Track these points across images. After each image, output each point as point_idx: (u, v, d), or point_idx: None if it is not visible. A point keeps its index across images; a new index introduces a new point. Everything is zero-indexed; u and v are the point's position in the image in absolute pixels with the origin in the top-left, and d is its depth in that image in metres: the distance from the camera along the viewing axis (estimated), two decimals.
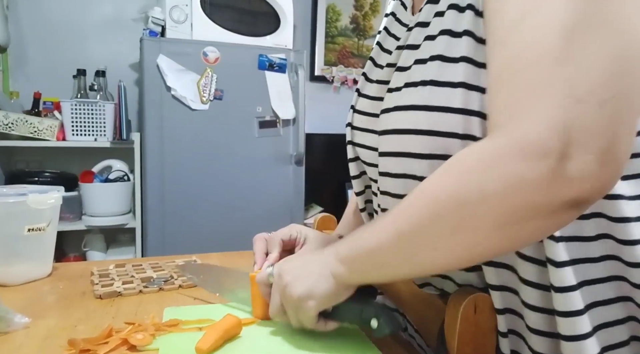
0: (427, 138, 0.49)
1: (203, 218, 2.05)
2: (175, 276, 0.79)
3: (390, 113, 0.54)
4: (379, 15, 2.87)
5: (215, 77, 2.03)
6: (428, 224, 0.43)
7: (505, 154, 0.38)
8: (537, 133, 0.36)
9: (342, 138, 0.71)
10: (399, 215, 0.46)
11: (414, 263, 0.46)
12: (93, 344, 0.54)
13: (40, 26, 2.27)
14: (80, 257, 2.14)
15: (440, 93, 0.48)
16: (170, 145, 1.99)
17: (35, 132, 1.97)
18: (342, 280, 0.51)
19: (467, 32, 0.47)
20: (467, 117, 0.47)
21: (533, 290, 0.47)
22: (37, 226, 0.78)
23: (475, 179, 0.40)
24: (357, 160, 0.68)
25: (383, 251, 0.47)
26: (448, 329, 0.50)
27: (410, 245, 0.45)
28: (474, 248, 0.42)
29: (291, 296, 0.53)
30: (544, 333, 0.48)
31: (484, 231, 0.40)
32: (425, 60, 0.51)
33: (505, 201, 0.38)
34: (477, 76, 0.47)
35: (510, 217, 0.39)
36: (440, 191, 0.42)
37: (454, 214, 0.41)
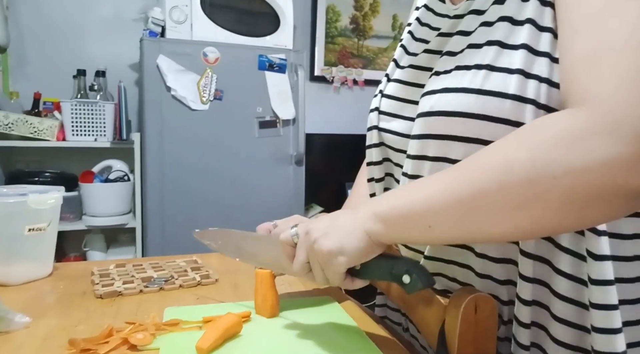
0: (476, 122, 0.49)
1: (203, 218, 2.05)
2: (175, 276, 0.79)
3: (437, 95, 0.54)
4: (378, 16, 2.87)
5: (215, 77, 2.03)
6: (495, 192, 0.41)
7: (595, 130, 0.37)
8: (632, 116, 0.36)
9: (343, 138, 0.71)
10: (458, 178, 0.44)
11: (468, 230, 0.44)
12: (93, 344, 0.54)
13: (40, 26, 2.27)
14: (81, 257, 2.14)
15: (495, 78, 0.48)
16: (170, 146, 1.99)
17: (36, 132, 1.97)
18: (377, 238, 0.50)
19: (530, 20, 0.48)
20: (521, 103, 0.47)
21: (567, 282, 0.48)
22: (38, 226, 0.78)
23: (558, 151, 0.38)
24: (380, 146, 0.67)
25: (433, 214, 0.45)
26: (449, 329, 0.50)
27: (469, 212, 0.43)
28: (539, 223, 0.41)
29: (321, 251, 0.51)
30: (571, 324, 0.48)
31: (557, 207, 0.39)
32: (481, 44, 0.51)
33: (588, 178, 0.37)
34: (534, 64, 0.47)
35: (588, 195, 0.38)
36: (513, 160, 0.40)
37: (526, 185, 0.39)
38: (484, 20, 0.52)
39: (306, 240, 0.53)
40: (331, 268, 0.51)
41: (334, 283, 0.53)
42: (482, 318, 0.49)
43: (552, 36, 0.47)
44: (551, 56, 0.47)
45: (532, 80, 0.47)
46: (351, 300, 0.73)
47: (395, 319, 0.72)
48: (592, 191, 0.38)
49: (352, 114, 2.78)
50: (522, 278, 0.50)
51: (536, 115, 0.46)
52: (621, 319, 0.46)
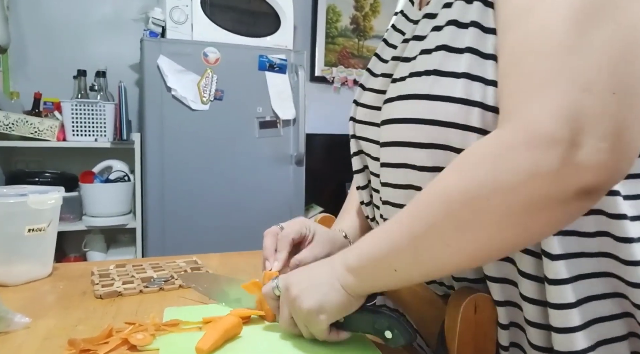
0: (427, 128, 0.49)
1: (203, 219, 2.05)
2: (175, 276, 0.79)
3: (393, 103, 0.54)
4: (379, 16, 2.87)
5: (215, 77, 2.03)
6: (440, 222, 0.42)
7: (514, 145, 0.38)
8: (546, 123, 0.36)
9: (343, 139, 0.71)
10: (409, 217, 0.45)
11: (427, 265, 0.45)
12: (93, 344, 0.54)
13: (41, 27, 2.27)
14: (81, 257, 2.15)
15: (442, 82, 0.48)
16: (171, 146, 1.99)
17: (36, 133, 1.97)
18: (353, 290, 0.51)
19: (474, 23, 0.48)
20: (468, 107, 0.46)
21: (530, 283, 0.47)
22: (38, 227, 0.78)
23: (485, 172, 0.39)
24: (360, 154, 0.67)
25: (394, 256, 0.46)
26: (448, 329, 0.50)
27: (423, 246, 0.44)
28: (487, 244, 0.41)
29: (301, 310, 0.52)
30: (540, 326, 0.48)
31: (497, 225, 0.40)
32: (431, 50, 0.51)
33: (517, 193, 0.38)
34: (481, 67, 0.47)
35: (523, 209, 0.38)
36: (451, 188, 0.42)
37: (465, 209, 0.40)
38: (435, 25, 0.52)
39: (287, 297, 0.54)
40: (314, 325, 0.53)
41: (320, 338, 0.54)
42: (481, 318, 0.49)
43: (496, 38, 0.47)
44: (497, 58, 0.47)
45: (477, 82, 0.46)
46: None
47: None
48: (527, 204, 0.38)
49: None
50: (488, 279, 0.50)
51: (484, 118, 0.46)
52: (590, 315, 0.46)
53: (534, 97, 0.38)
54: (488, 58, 0.47)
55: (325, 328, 0.52)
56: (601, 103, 0.36)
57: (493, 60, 0.46)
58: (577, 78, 0.36)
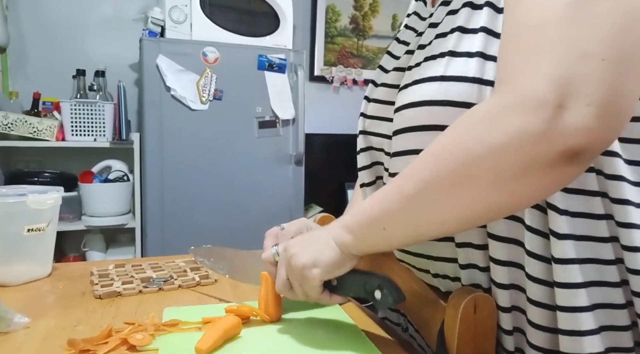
0: (441, 109, 0.49)
1: (203, 218, 2.05)
2: (175, 276, 0.79)
3: (406, 89, 0.54)
4: (378, 16, 2.87)
5: (214, 77, 2.03)
6: (430, 182, 0.43)
7: (506, 108, 0.39)
8: (536, 87, 0.38)
9: (342, 138, 0.71)
10: (403, 178, 0.47)
11: (417, 225, 0.46)
12: (92, 345, 0.54)
13: (40, 26, 2.27)
14: (80, 257, 2.14)
15: (457, 63, 0.49)
16: (170, 146, 1.99)
17: (35, 132, 1.97)
18: (347, 249, 0.52)
19: (488, 3, 0.48)
20: (482, 86, 0.47)
21: (537, 262, 0.47)
22: (37, 227, 0.78)
23: (478, 132, 0.41)
24: (368, 150, 0.67)
25: (388, 216, 0.48)
26: (448, 329, 0.50)
27: (415, 206, 0.45)
28: (476, 204, 0.42)
29: (296, 265, 0.54)
30: (544, 305, 0.48)
31: (485, 185, 0.41)
32: (446, 33, 0.52)
33: (507, 153, 0.39)
34: (494, 46, 0.47)
35: (512, 169, 0.39)
36: (443, 148, 0.43)
37: (455, 168, 0.42)
38: (450, 9, 0.53)
39: (284, 256, 0.57)
40: (307, 281, 0.54)
41: (312, 298, 0.56)
42: (481, 317, 0.49)
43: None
44: None
45: (491, 61, 0.47)
46: (351, 301, 0.73)
47: (394, 319, 0.72)
48: (514, 165, 0.39)
49: (352, 114, 2.77)
50: (495, 261, 0.49)
51: None
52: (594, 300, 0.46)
53: (530, 64, 0.39)
54: (498, 37, 0.47)
55: (319, 284, 0.54)
56: (593, 69, 0.37)
57: None
58: (573, 47, 0.37)
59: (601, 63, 0.37)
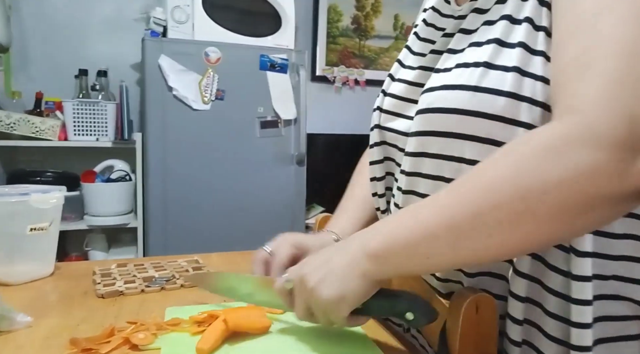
0: (472, 119, 0.49)
1: (205, 218, 2.05)
2: (177, 276, 0.79)
3: (435, 92, 0.54)
4: (380, 16, 2.87)
5: (216, 77, 2.03)
6: (487, 213, 0.41)
7: (573, 140, 0.38)
8: (609, 122, 0.37)
9: (344, 138, 0.70)
10: (451, 203, 0.44)
11: (464, 254, 0.44)
12: (95, 344, 0.54)
13: (43, 26, 2.27)
14: (82, 257, 2.15)
15: (492, 75, 0.49)
16: (172, 145, 1.99)
17: (37, 132, 1.97)
18: (374, 277, 0.49)
19: (528, 19, 0.48)
20: (516, 101, 0.47)
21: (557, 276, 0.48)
22: (40, 226, 0.78)
23: (540, 165, 0.39)
24: (382, 145, 0.67)
25: (429, 243, 0.45)
26: (450, 329, 0.50)
27: (465, 236, 0.43)
28: (532, 238, 0.41)
29: (320, 300, 0.50)
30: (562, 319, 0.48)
31: (547, 220, 0.39)
32: (481, 43, 0.51)
33: (572, 190, 0.38)
34: (530, 62, 0.47)
35: (576, 206, 0.38)
36: (501, 179, 0.41)
37: (517, 201, 0.39)
38: (486, 19, 0.53)
39: (302, 289, 0.52)
40: (334, 314, 0.51)
41: (340, 326, 0.53)
42: (483, 318, 0.49)
43: (545, 35, 0.48)
44: (546, 55, 0.47)
45: (528, 78, 0.47)
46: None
47: (396, 320, 0.72)
48: (581, 202, 0.38)
49: (354, 114, 2.78)
50: (518, 274, 0.50)
51: (532, 113, 0.47)
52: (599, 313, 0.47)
53: (600, 97, 0.38)
54: (537, 54, 0.47)
55: (346, 315, 0.51)
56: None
57: (542, 57, 0.47)
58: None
59: None
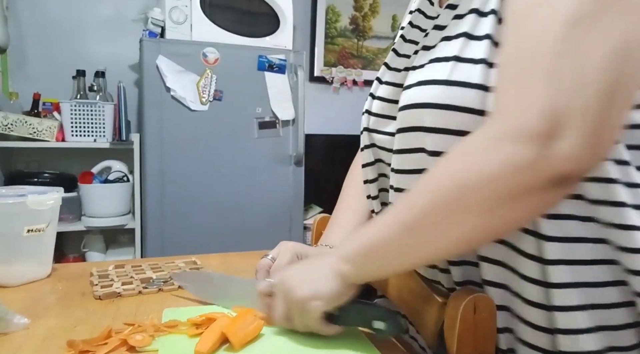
0: (444, 113, 0.50)
1: (203, 219, 2.05)
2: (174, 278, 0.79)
3: (412, 89, 0.55)
4: (378, 16, 2.87)
5: (214, 77, 2.03)
6: (427, 211, 0.45)
7: (499, 137, 0.41)
8: (529, 118, 0.40)
9: (342, 139, 0.70)
10: (401, 207, 0.48)
11: (418, 252, 0.48)
12: (92, 345, 0.53)
13: (40, 27, 2.27)
14: (80, 258, 2.14)
15: (462, 68, 0.50)
16: (170, 146, 1.99)
17: (35, 133, 1.97)
18: (348, 279, 0.53)
19: (493, 11, 0.49)
20: (484, 92, 0.48)
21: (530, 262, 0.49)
22: (37, 227, 0.78)
23: (472, 162, 0.43)
24: (372, 147, 0.68)
25: (388, 245, 0.49)
26: (448, 330, 0.50)
27: (414, 236, 0.46)
28: (469, 232, 0.44)
29: (296, 298, 0.54)
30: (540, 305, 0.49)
31: (482, 212, 0.42)
32: (451, 37, 0.53)
33: (499, 183, 0.41)
34: (496, 54, 0.48)
35: (505, 197, 0.41)
36: (438, 178, 0.45)
37: (450, 198, 0.43)
38: (456, 14, 0.54)
39: (281, 289, 0.56)
40: (308, 314, 0.54)
41: (314, 328, 0.55)
42: (481, 318, 0.49)
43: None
44: None
45: (494, 69, 0.48)
46: None
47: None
48: (507, 193, 0.41)
49: (352, 115, 2.77)
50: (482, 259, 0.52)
51: None
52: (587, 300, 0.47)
53: (523, 95, 0.41)
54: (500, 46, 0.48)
55: (319, 315, 0.54)
56: (583, 103, 0.38)
57: None
58: (563, 80, 0.39)
59: (591, 95, 0.38)
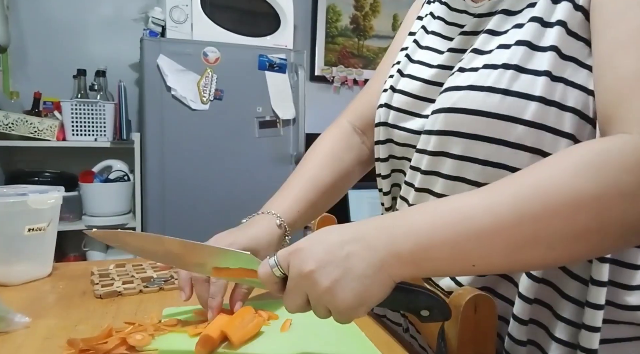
0: (501, 123, 0.49)
1: (203, 218, 2.05)
2: (175, 276, 0.79)
3: (461, 92, 0.53)
4: (379, 16, 2.87)
5: (215, 77, 2.03)
6: (555, 224, 0.39)
7: (630, 154, 0.38)
8: None
9: None
10: (514, 209, 0.40)
11: (515, 262, 0.41)
12: (92, 345, 0.53)
13: (41, 26, 2.27)
14: (80, 257, 2.14)
15: (523, 79, 0.48)
16: (171, 145, 1.99)
17: (36, 132, 1.97)
18: (402, 278, 0.44)
19: (560, 22, 0.48)
20: (546, 106, 0.47)
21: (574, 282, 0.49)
22: (38, 226, 0.78)
23: (621, 179, 0.37)
24: (387, 143, 0.66)
25: (480, 248, 0.40)
26: (448, 329, 0.50)
27: (522, 243, 0.40)
28: (595, 251, 0.41)
29: (334, 303, 0.43)
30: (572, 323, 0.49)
31: (616, 232, 0.38)
32: (510, 45, 0.51)
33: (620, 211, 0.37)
34: (561, 67, 0.47)
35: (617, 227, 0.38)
36: (582, 191, 0.38)
37: (595, 217, 0.38)
38: (516, 22, 0.52)
39: (308, 286, 0.44)
40: (348, 317, 0.44)
41: (342, 322, 0.46)
42: (481, 317, 0.49)
43: (577, 41, 0.47)
44: (577, 60, 0.47)
45: (559, 83, 0.47)
46: None
47: (394, 319, 0.71)
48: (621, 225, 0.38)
49: None
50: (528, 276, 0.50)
51: (560, 118, 0.47)
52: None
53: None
54: (567, 59, 0.47)
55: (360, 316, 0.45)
56: None
57: (573, 62, 0.47)
58: None
59: None
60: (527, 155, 0.49)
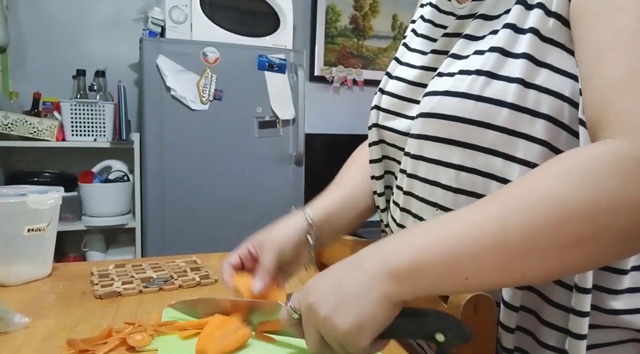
0: (474, 129, 0.49)
1: (203, 219, 2.05)
2: (175, 276, 0.79)
3: (437, 97, 0.54)
4: (378, 16, 2.87)
5: (214, 77, 2.03)
6: (547, 234, 0.37)
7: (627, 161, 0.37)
8: None
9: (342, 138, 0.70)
10: (503, 220, 0.39)
11: (509, 275, 0.40)
12: (92, 345, 0.53)
13: (40, 26, 2.27)
14: (80, 257, 2.14)
15: (495, 85, 0.48)
16: (170, 146, 1.99)
17: (35, 133, 1.97)
18: (398, 298, 0.42)
19: (533, 30, 0.48)
20: (518, 113, 0.47)
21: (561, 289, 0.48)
22: (37, 227, 0.78)
23: (615, 186, 0.36)
24: (380, 144, 0.67)
25: (471, 261, 0.39)
26: None
27: (517, 257, 0.38)
28: (592, 260, 0.39)
29: (336, 331, 0.42)
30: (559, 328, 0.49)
31: (613, 242, 0.37)
32: (484, 51, 0.51)
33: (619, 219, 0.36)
34: (535, 74, 0.47)
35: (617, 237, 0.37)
36: (568, 197, 0.37)
37: (584, 225, 0.37)
38: (493, 29, 0.52)
39: (313, 319, 0.44)
40: (354, 345, 0.43)
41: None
42: (481, 318, 0.49)
43: (553, 47, 0.47)
44: (552, 67, 0.47)
45: (532, 90, 0.47)
46: None
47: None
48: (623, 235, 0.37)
49: (352, 114, 2.78)
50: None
51: (532, 124, 0.47)
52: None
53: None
54: (542, 66, 0.47)
55: (368, 344, 0.43)
56: None
57: (548, 69, 0.47)
58: None
59: None
60: (499, 160, 0.49)
